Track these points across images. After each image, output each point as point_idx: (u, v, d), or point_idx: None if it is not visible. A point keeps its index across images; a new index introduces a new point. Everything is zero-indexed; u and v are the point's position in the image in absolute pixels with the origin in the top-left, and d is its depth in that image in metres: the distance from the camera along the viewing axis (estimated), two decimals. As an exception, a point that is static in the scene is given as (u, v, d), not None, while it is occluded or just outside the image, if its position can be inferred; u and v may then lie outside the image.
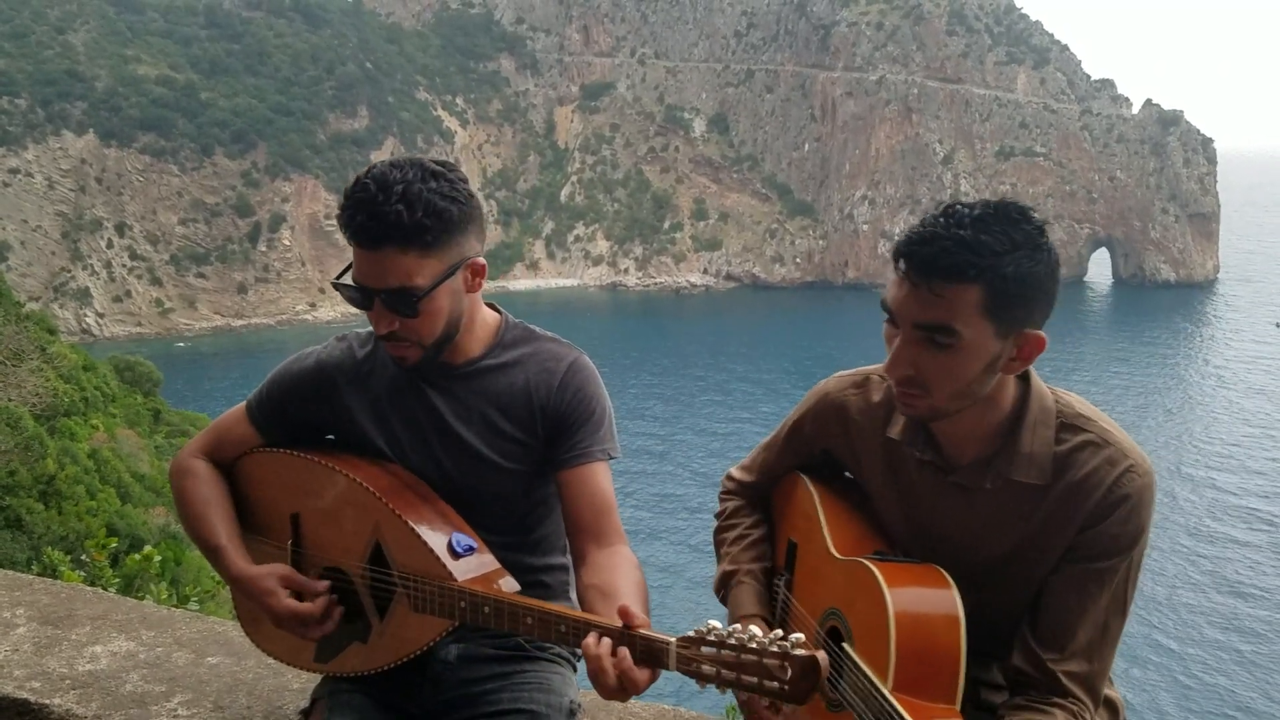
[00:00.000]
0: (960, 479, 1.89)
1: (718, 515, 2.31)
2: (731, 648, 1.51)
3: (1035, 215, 1.77)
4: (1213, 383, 70.36)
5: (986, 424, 1.86)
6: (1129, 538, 1.81)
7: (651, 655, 1.61)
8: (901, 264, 1.76)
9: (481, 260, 2.07)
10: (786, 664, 1.48)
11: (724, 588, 2.19)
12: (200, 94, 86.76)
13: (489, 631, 2.07)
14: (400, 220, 1.90)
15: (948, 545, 1.91)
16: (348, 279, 2.01)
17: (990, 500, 1.87)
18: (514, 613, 1.83)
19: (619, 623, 1.66)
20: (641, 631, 1.63)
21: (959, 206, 1.76)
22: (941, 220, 1.74)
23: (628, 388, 65.28)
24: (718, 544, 2.27)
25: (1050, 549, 1.85)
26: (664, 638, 1.60)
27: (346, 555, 2.07)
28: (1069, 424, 1.85)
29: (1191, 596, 38.63)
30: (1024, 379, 1.88)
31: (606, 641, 1.65)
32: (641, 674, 1.62)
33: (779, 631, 1.51)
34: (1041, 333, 1.78)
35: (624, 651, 1.63)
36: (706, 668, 1.53)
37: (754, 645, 1.50)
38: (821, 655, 1.48)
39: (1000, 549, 1.89)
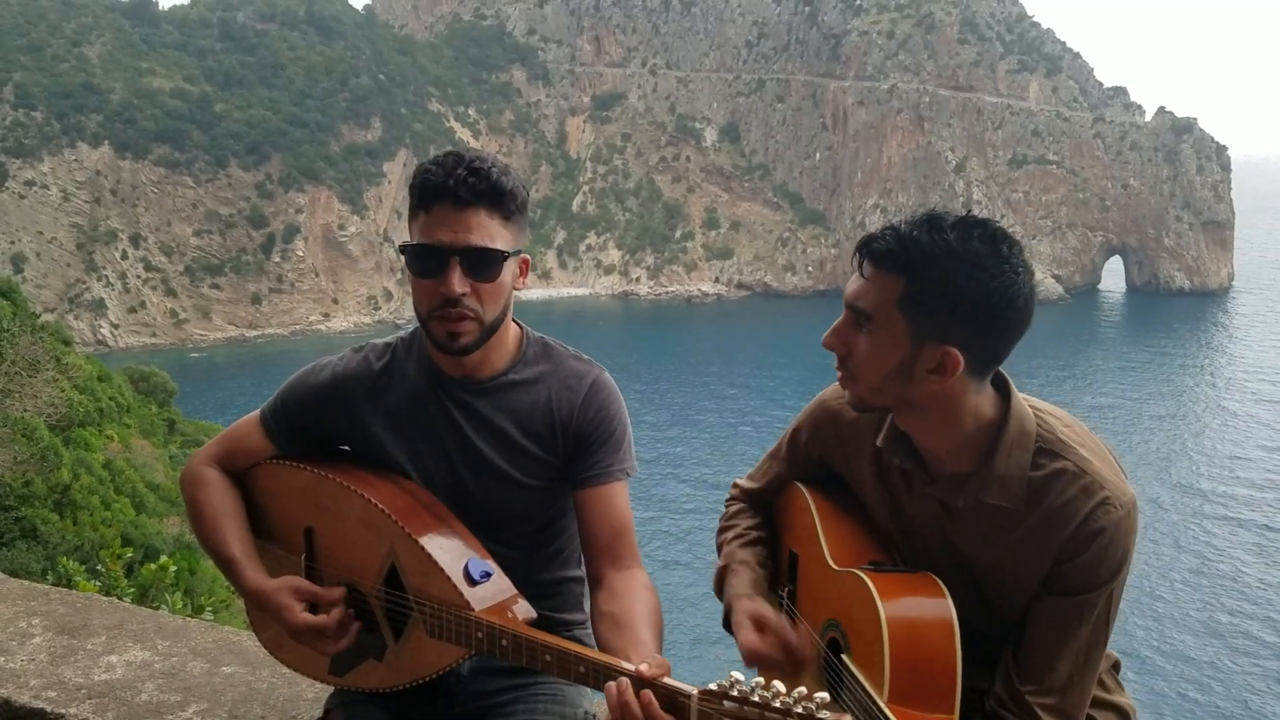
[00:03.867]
0: (936, 492, 1.88)
1: (721, 518, 2.33)
2: (755, 705, 1.47)
3: (1009, 244, 1.73)
4: (1227, 391, 69.82)
5: (959, 438, 1.83)
6: (1107, 571, 1.78)
7: (671, 707, 1.58)
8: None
9: (528, 256, 2.10)
10: None
11: (720, 582, 2.20)
12: (214, 106, 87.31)
13: None
14: (499, 181, 1.97)
15: (929, 554, 1.92)
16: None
17: (965, 518, 1.86)
18: (532, 649, 1.81)
19: (635, 663, 1.64)
20: (663, 681, 1.60)
21: (937, 212, 1.79)
22: (911, 218, 1.79)
23: (639, 396, 65.17)
24: (718, 545, 2.29)
25: (1027, 574, 1.83)
26: (686, 689, 1.57)
27: (362, 575, 2.05)
28: (1047, 449, 1.81)
29: (1188, 602, 38.40)
30: (1005, 397, 1.84)
31: (630, 689, 1.61)
32: None
33: (803, 689, 1.46)
34: (958, 352, 1.72)
35: (649, 696, 1.59)
36: None
37: (778, 705, 1.46)
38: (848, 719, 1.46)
39: (977, 564, 1.88)
